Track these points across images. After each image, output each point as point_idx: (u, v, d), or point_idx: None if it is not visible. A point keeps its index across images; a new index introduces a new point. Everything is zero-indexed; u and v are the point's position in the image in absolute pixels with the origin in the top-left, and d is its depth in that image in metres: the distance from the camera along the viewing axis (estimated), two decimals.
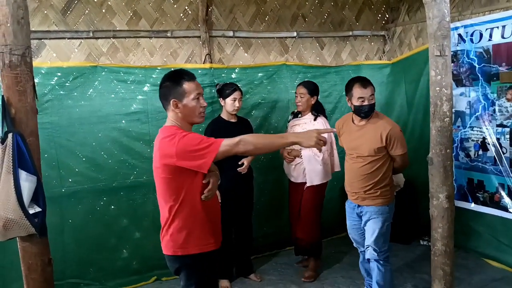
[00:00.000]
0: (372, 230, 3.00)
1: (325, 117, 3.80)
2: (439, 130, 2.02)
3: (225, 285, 3.62)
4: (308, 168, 3.65)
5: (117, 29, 3.74)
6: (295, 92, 3.78)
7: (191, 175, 2.04)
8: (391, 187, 3.03)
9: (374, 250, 3.00)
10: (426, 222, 2.49)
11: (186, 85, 2.10)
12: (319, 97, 3.81)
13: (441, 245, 2.09)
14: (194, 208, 2.09)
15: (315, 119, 3.70)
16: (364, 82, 3.00)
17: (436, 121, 2.02)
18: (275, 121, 4.37)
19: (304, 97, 3.68)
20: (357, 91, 2.97)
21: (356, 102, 2.97)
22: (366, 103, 2.95)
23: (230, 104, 3.49)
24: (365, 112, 2.99)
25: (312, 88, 3.73)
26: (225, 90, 3.51)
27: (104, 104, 3.63)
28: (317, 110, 3.76)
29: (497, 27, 3.64)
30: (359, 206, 3.07)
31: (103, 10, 3.69)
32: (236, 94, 3.50)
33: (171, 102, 2.08)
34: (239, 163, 3.51)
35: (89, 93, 3.57)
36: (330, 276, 3.79)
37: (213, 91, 3.83)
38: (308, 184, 3.67)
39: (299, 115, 3.83)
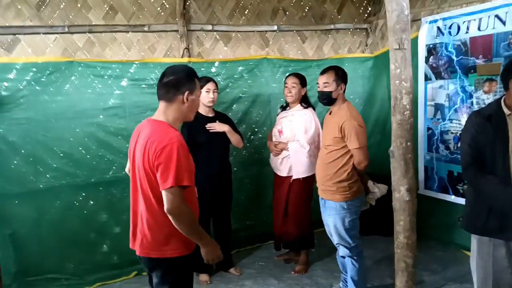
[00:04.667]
0: (333, 227, 3.01)
1: (313, 109, 3.76)
2: (400, 124, 2.02)
3: (205, 279, 3.64)
4: (294, 161, 3.62)
5: (93, 23, 3.72)
6: (284, 84, 3.72)
7: None
8: (351, 184, 2.94)
9: (345, 247, 3.01)
10: None
11: (197, 82, 2.14)
12: None
13: (403, 237, 2.10)
14: None
15: (305, 108, 3.68)
16: (324, 69, 3.08)
17: (396, 115, 2.02)
18: (256, 115, 4.37)
19: (296, 87, 3.64)
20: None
21: None
22: (319, 89, 3.05)
23: (205, 96, 3.47)
24: (319, 99, 3.09)
25: (303, 79, 3.72)
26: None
27: (80, 99, 3.61)
28: (306, 102, 3.75)
29: (474, 20, 3.63)
30: (322, 198, 3.09)
31: (79, 5, 3.66)
32: (209, 85, 3.48)
33: (185, 93, 2.05)
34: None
35: (65, 88, 3.55)
36: (308, 268, 3.80)
37: None
38: (294, 177, 3.64)
39: (287, 108, 3.81)
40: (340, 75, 3.00)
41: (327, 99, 3.01)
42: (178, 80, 2.07)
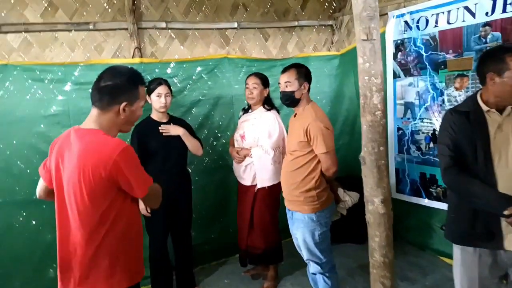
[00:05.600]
0: (302, 242, 2.74)
1: (278, 111, 3.49)
2: (370, 125, 1.75)
3: None
4: (259, 168, 3.32)
5: (30, 22, 3.32)
6: (246, 84, 3.44)
7: (123, 192, 1.77)
8: (320, 193, 2.67)
9: (316, 263, 2.75)
10: None
11: (141, 89, 1.84)
12: None
13: (380, 255, 1.83)
14: (127, 230, 1.80)
15: (268, 110, 3.40)
16: (285, 67, 2.82)
17: (366, 115, 1.75)
18: (218, 119, 4.06)
19: (258, 88, 3.36)
20: None
21: None
22: (281, 89, 2.79)
23: (155, 101, 3.14)
24: (281, 100, 2.83)
25: (265, 79, 3.44)
26: (149, 85, 3.13)
27: (18, 107, 3.22)
28: (269, 103, 3.46)
29: (443, 12, 3.45)
30: (289, 210, 2.82)
31: (12, 1, 3.26)
32: (161, 89, 3.13)
33: (122, 104, 1.75)
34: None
35: None
36: (278, 284, 3.52)
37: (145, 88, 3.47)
38: (259, 186, 3.34)
39: (250, 110, 3.52)
40: (303, 73, 2.73)
41: (290, 100, 2.74)
42: (117, 87, 1.76)
